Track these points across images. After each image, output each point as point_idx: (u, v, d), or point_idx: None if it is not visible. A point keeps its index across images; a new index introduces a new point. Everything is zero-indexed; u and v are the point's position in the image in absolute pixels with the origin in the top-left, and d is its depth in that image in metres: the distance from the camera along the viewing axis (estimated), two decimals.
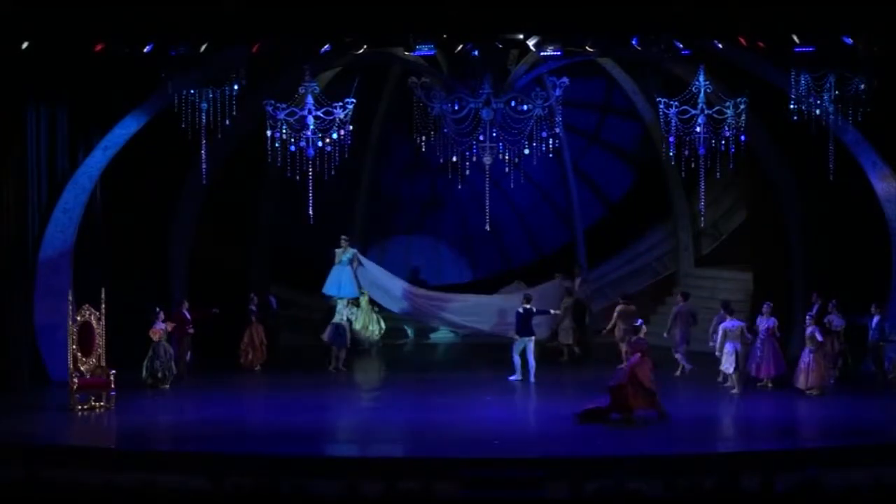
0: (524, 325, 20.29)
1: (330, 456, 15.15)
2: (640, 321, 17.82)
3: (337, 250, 22.10)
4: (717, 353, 19.09)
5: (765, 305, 19.30)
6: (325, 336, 21.60)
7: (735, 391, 18.77)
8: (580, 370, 21.92)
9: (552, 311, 21.36)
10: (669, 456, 14.73)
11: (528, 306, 20.42)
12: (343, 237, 22.37)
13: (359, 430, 16.88)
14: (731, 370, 18.83)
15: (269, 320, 22.35)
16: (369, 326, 23.17)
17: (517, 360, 20.27)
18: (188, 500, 10.72)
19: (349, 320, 21.94)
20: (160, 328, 19.47)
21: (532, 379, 20.08)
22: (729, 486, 10.60)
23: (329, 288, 22.07)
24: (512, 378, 20.19)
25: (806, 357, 18.48)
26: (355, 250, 22.39)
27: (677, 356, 20.56)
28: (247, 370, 21.37)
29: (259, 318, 21.67)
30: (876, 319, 18.95)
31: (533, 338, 20.32)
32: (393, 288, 22.71)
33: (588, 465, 14.26)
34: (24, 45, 17.75)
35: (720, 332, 18.99)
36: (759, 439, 16.40)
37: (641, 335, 17.30)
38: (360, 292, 22.62)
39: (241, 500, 10.50)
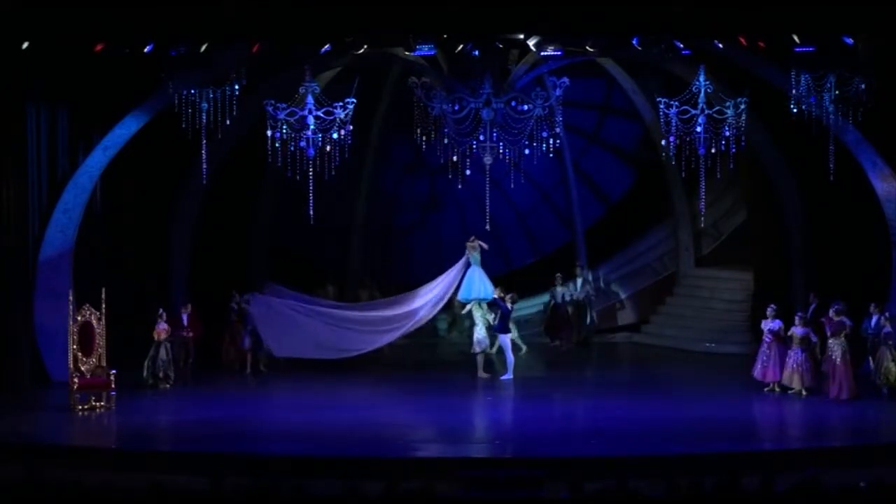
0: (507, 322, 20.47)
1: (330, 456, 15.13)
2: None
3: (468, 254, 20.84)
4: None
5: (769, 308, 18.95)
6: (481, 346, 20.48)
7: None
8: (580, 371, 21.94)
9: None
10: (669, 456, 14.72)
11: (511, 304, 20.62)
12: (472, 238, 21.06)
13: (359, 430, 16.88)
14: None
15: None
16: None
17: (511, 358, 20.32)
18: (188, 500, 10.71)
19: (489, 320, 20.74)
20: (163, 328, 19.46)
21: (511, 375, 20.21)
22: (729, 486, 10.60)
23: (469, 292, 20.71)
24: (504, 377, 20.24)
25: (798, 356, 18.38)
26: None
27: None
28: (230, 370, 21.24)
29: (239, 316, 21.47)
30: (875, 319, 18.91)
31: (509, 334, 20.55)
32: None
33: (588, 465, 14.25)
34: (24, 45, 17.77)
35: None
36: (759, 439, 16.39)
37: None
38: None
39: (241, 500, 10.50)
